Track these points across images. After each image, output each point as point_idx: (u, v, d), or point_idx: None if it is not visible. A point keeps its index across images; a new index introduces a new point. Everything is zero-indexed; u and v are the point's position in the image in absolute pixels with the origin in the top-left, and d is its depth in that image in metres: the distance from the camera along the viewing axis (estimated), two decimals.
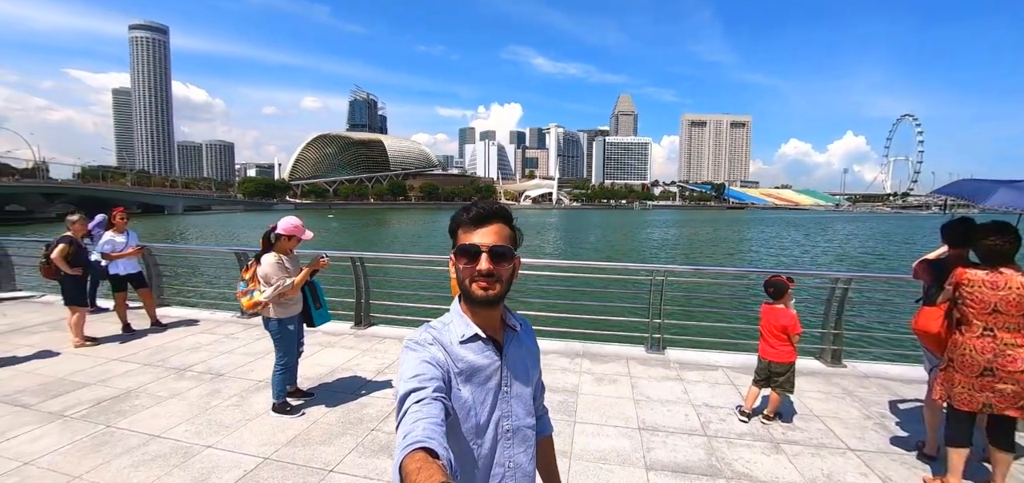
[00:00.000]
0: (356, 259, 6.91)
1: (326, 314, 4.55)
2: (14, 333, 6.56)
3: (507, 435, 1.18)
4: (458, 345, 1.14)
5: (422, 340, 1.12)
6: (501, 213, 1.18)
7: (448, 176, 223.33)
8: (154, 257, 8.35)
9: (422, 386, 0.98)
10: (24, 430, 3.82)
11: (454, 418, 1.07)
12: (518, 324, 1.29)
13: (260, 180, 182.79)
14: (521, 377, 1.24)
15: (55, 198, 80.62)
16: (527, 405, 1.25)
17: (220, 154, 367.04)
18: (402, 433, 0.88)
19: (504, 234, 1.16)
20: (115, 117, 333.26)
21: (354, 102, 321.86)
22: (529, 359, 1.29)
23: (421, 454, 0.81)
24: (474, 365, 1.14)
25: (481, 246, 1.13)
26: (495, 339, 1.21)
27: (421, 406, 0.94)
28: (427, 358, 1.06)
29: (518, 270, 1.22)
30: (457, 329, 1.16)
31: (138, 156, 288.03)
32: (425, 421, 0.89)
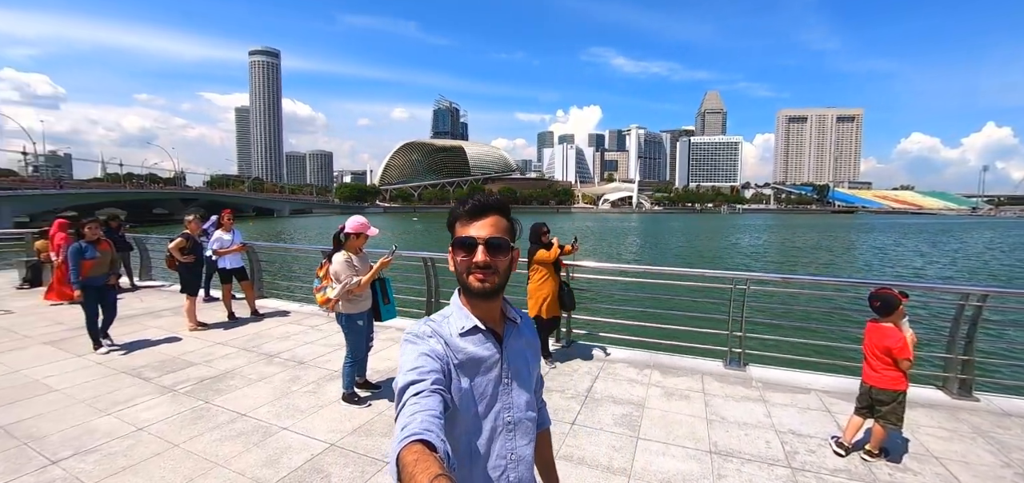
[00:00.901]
0: (427, 259, 7.14)
1: (393, 310, 4.71)
2: (146, 316, 7.65)
3: (508, 427, 1.17)
4: (458, 337, 1.13)
5: (421, 333, 1.11)
6: (498, 205, 1.19)
7: (526, 180, 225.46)
8: (256, 254, 9.31)
9: (421, 379, 0.98)
10: (142, 400, 4.40)
11: (455, 410, 1.06)
12: (518, 316, 1.27)
13: (354, 185, 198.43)
14: (521, 369, 1.23)
15: (190, 202, 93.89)
16: (528, 397, 1.24)
17: (321, 162, 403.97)
18: (400, 425, 0.88)
19: (501, 226, 1.16)
20: (237, 132, 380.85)
21: (438, 111, 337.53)
22: (529, 351, 1.28)
23: (418, 446, 0.81)
24: (474, 357, 1.13)
25: (477, 238, 1.12)
26: (495, 331, 1.19)
27: (419, 398, 0.93)
28: (426, 351, 1.06)
29: (516, 262, 1.22)
30: (456, 321, 1.15)
31: (254, 165, 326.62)
32: (423, 413, 0.89)
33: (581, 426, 3.89)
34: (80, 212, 31.46)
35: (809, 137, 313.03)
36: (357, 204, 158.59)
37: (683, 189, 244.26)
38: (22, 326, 7.02)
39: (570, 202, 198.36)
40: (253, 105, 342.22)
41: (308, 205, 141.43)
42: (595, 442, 3.64)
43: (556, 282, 5.32)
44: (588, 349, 5.82)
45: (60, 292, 8.48)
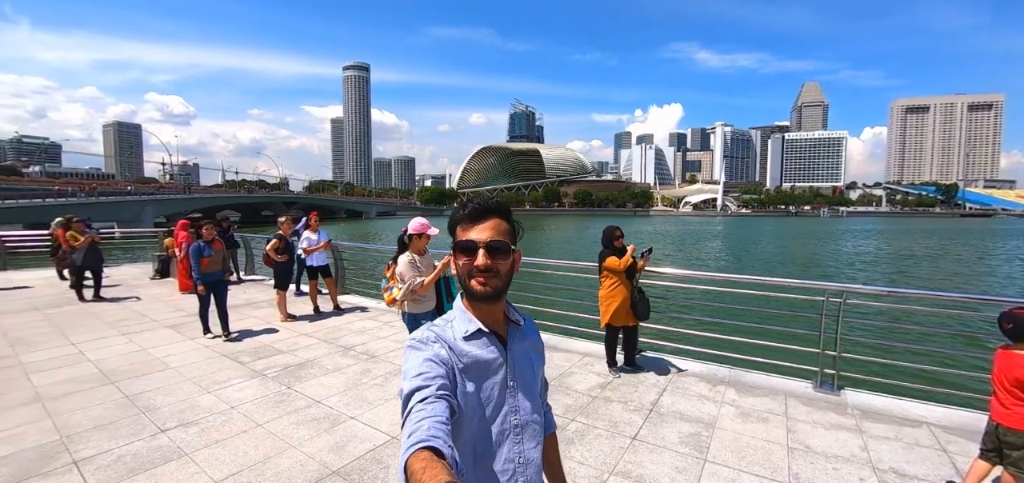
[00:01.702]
0: None
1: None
2: (248, 306, 8.55)
3: (515, 430, 1.16)
4: (461, 341, 1.12)
5: (425, 339, 1.10)
6: (499, 208, 1.18)
7: (602, 182, 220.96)
8: (339, 253, 10.04)
9: (426, 385, 0.97)
10: (237, 382, 4.91)
11: (460, 415, 1.05)
12: (521, 318, 1.26)
13: (434, 189, 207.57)
14: (526, 371, 1.22)
15: (291, 205, 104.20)
16: (533, 400, 1.23)
17: (404, 167, 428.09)
18: (407, 432, 0.87)
19: (502, 229, 1.16)
20: (332, 140, 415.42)
21: (514, 115, 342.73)
22: (533, 353, 1.27)
23: (426, 453, 0.81)
24: (479, 360, 1.12)
25: (478, 241, 1.12)
26: (499, 334, 1.18)
27: (425, 405, 0.93)
28: (430, 356, 1.05)
29: (518, 264, 1.21)
30: (460, 326, 1.15)
31: (346, 171, 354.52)
32: (430, 420, 0.88)
33: (642, 442, 3.68)
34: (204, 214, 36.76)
35: (932, 129, 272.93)
36: (437, 206, 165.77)
37: (775, 190, 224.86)
38: (152, 311, 8.19)
39: (648, 205, 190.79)
40: (346, 115, 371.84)
41: (393, 208, 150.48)
42: (657, 461, 3.42)
43: (629, 289, 5.06)
44: (656, 360, 5.52)
45: (185, 283, 9.79)
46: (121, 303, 8.88)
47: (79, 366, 5.38)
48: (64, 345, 6.21)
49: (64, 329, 7.03)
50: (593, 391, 4.66)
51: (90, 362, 5.52)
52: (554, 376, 5.03)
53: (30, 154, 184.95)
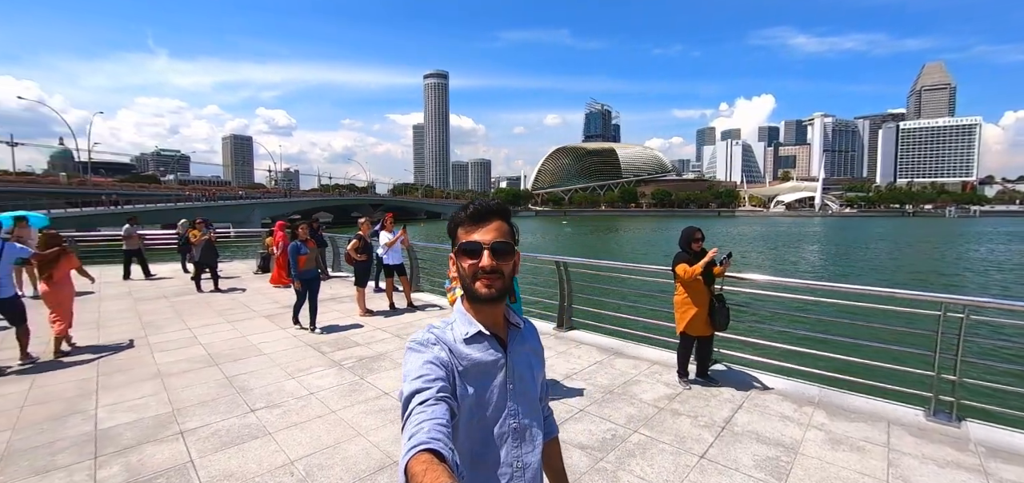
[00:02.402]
0: (560, 263, 7.11)
1: (519, 310, 4.76)
2: (332, 301, 9.24)
3: (515, 433, 1.15)
4: (462, 344, 1.12)
5: (425, 340, 1.10)
6: (500, 210, 1.18)
7: (682, 181, 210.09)
8: (415, 252, 10.53)
9: (426, 387, 0.97)
10: (318, 370, 5.31)
11: (460, 418, 1.04)
12: (521, 321, 1.26)
13: (509, 190, 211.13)
14: (526, 374, 1.21)
15: (377, 207, 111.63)
16: (533, 403, 1.22)
17: (480, 170, 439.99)
18: (407, 435, 0.87)
19: (504, 231, 1.16)
20: (413, 146, 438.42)
21: (589, 114, 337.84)
22: (533, 357, 1.26)
23: (427, 456, 0.80)
24: (479, 363, 1.12)
25: (482, 243, 1.12)
26: (499, 337, 1.18)
27: (425, 407, 0.92)
28: (430, 358, 1.04)
29: (518, 266, 1.21)
30: (460, 328, 1.14)
31: (426, 174, 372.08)
32: (430, 422, 0.88)
33: (711, 462, 3.40)
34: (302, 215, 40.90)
35: None
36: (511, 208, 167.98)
37: (887, 187, 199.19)
38: (252, 302, 9.15)
39: (734, 204, 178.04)
40: (426, 121, 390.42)
41: None
42: None
43: (708, 295, 4.70)
44: (734, 373, 5.10)
45: (278, 278, 10.85)
46: (229, 294, 10.04)
47: (192, 348, 6.14)
48: (182, 329, 7.14)
49: (183, 315, 8.09)
50: (660, 402, 4.41)
51: (201, 345, 6.29)
52: (618, 384, 4.84)
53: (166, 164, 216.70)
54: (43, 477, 3.22)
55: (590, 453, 3.50)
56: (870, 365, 4.63)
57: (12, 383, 4.99)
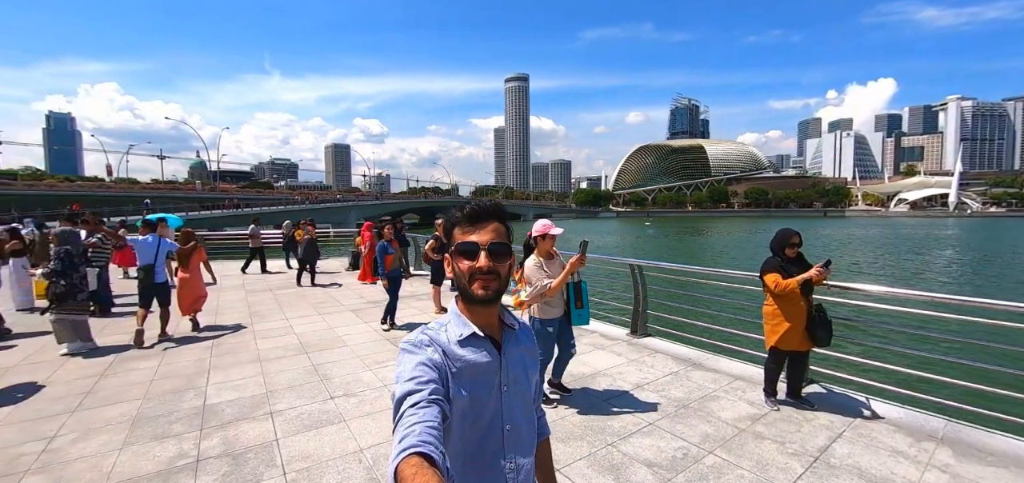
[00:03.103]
0: (635, 266, 6.80)
1: (586, 315, 4.49)
2: (412, 297, 9.70)
3: (508, 435, 1.15)
4: (455, 345, 1.11)
5: (418, 342, 1.09)
6: (496, 212, 1.18)
7: (781, 179, 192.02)
8: None
9: (419, 389, 0.96)
10: (392, 364, 5.55)
11: (453, 419, 1.04)
12: (516, 323, 1.25)
13: (589, 191, 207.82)
14: (520, 376, 1.20)
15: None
16: (527, 405, 1.23)
17: (560, 171, 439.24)
18: (398, 437, 0.86)
19: (500, 232, 1.16)
20: (495, 149, 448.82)
21: (675, 110, 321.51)
22: (528, 358, 1.26)
23: (417, 459, 0.80)
24: (473, 364, 1.11)
25: (479, 244, 1.12)
26: (494, 338, 1.17)
27: (417, 409, 0.91)
28: (424, 360, 1.03)
29: (513, 268, 1.23)
30: (454, 330, 1.14)
31: (507, 176, 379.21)
32: (421, 425, 0.87)
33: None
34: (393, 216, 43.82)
35: None
36: (591, 208, 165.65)
37: None
38: (341, 297, 9.90)
39: (844, 203, 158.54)
40: (507, 124, 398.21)
41: (549, 210, 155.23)
42: None
43: (805, 307, 4.10)
44: (833, 396, 4.48)
45: (364, 274, 11.64)
46: (323, 289, 10.96)
47: (287, 337, 6.78)
48: (281, 319, 7.91)
49: (283, 307, 8.97)
50: (741, 422, 4.00)
51: (295, 334, 6.91)
52: (695, 398, 4.48)
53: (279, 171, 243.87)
54: (160, 442, 3.71)
55: (657, 472, 3.26)
56: (1013, 397, 3.81)
57: (148, 358, 5.86)
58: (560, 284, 4.17)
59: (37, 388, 4.93)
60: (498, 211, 1.19)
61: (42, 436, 3.85)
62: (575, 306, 4.42)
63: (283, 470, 3.29)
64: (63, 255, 6.14)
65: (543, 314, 4.29)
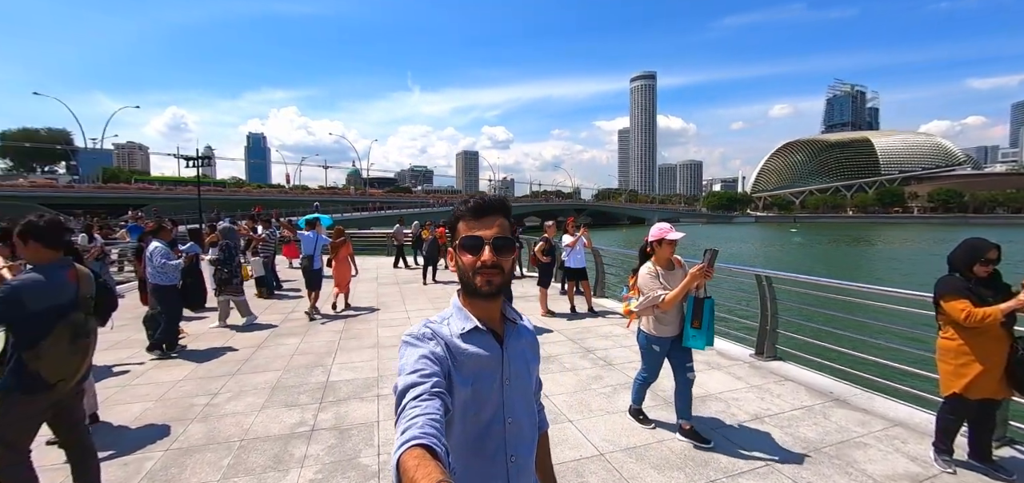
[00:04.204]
0: (762, 277, 5.93)
1: (704, 337, 3.64)
2: (521, 299, 9.80)
3: (509, 428, 1.16)
4: (458, 339, 1.12)
5: (421, 335, 1.10)
6: (500, 206, 1.18)
7: (984, 177, 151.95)
8: (600, 257, 10.35)
9: (421, 381, 0.96)
10: None
11: (454, 412, 1.05)
12: (517, 317, 1.27)
13: (722, 194, 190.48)
14: (522, 370, 1.22)
15: (581, 212, 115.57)
16: (527, 398, 1.24)
17: (690, 172, 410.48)
18: (400, 429, 0.87)
19: (504, 227, 1.16)
20: (619, 151, 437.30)
21: (832, 99, 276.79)
22: (529, 352, 1.27)
23: (419, 450, 0.80)
24: (475, 357, 1.12)
25: (484, 238, 1.12)
26: (495, 332, 1.18)
27: (419, 402, 0.92)
28: (426, 353, 1.04)
29: (515, 263, 1.22)
30: (457, 323, 1.15)
31: (631, 179, 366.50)
32: (423, 417, 0.88)
33: None
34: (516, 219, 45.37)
35: None
36: (725, 213, 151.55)
37: None
38: (447, 295, 10.43)
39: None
40: (632, 125, 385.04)
41: (676, 214, 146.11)
42: None
43: (1006, 344, 3.07)
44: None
45: None
46: (443, 286, 11.71)
47: (404, 326, 7.34)
48: (402, 311, 8.64)
49: (406, 299, 9.79)
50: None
51: (411, 324, 7.46)
52: (832, 442, 3.69)
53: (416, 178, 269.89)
54: (288, 409, 4.27)
55: None
56: None
57: (291, 336, 6.84)
58: (676, 297, 3.51)
59: (216, 352, 6.08)
60: (503, 206, 1.19)
61: (209, 392, 4.72)
62: (691, 324, 3.63)
63: (378, 451, 3.53)
64: (223, 248, 7.62)
65: (654, 328, 3.76)
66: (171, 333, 6.13)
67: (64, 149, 79.12)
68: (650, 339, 3.80)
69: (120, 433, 3.89)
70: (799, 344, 5.76)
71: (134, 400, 4.56)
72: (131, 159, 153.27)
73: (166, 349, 6.01)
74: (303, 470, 3.28)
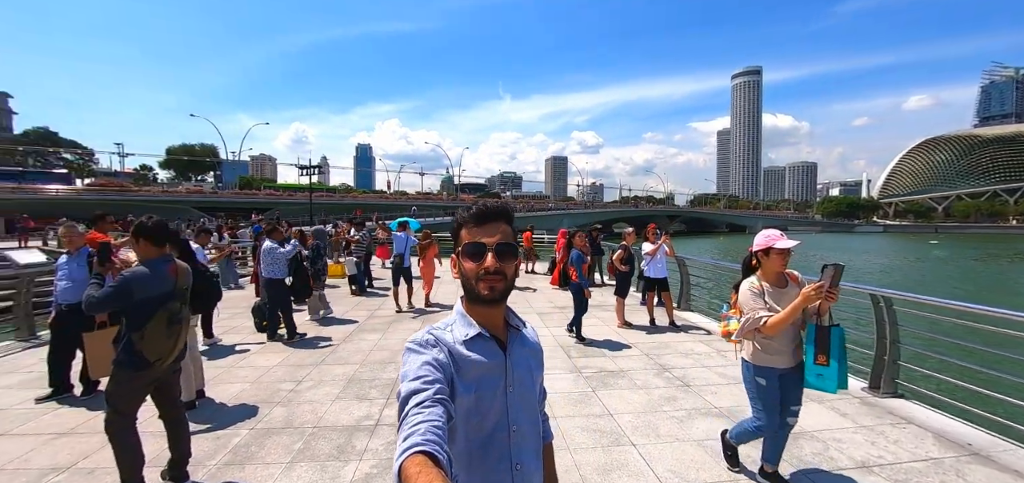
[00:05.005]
0: (878, 297, 5.05)
1: (834, 379, 2.89)
2: (598, 308, 9.45)
3: (513, 436, 1.15)
4: (461, 346, 1.11)
5: (424, 342, 1.09)
6: (504, 213, 1.19)
7: None
8: (685, 267, 9.64)
9: (424, 388, 0.96)
10: (557, 372, 5.52)
11: (458, 420, 1.05)
12: (521, 323, 1.26)
13: (841, 199, 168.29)
14: (525, 377, 1.21)
15: (673, 218, 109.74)
16: (531, 406, 1.23)
17: (802, 175, 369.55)
18: (402, 436, 0.87)
19: (507, 233, 1.17)
20: (717, 153, 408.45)
21: (989, 86, 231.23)
22: (533, 359, 1.26)
23: (421, 458, 0.80)
24: (478, 365, 1.11)
25: (487, 244, 1.13)
26: (498, 339, 1.17)
27: (422, 408, 0.91)
28: (429, 360, 1.03)
29: (519, 268, 1.22)
30: (460, 330, 1.14)
31: (731, 183, 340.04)
32: (426, 424, 0.87)
33: None
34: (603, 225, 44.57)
35: None
36: (845, 221, 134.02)
37: None
38: (534, 300, 10.42)
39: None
40: (733, 125, 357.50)
41: (783, 222, 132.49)
42: None
43: None
44: None
45: (555, 279, 12.00)
46: (520, 291, 11.73)
47: None
48: None
49: None
50: None
51: None
52: None
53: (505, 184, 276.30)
54: (359, 402, 4.52)
55: None
56: None
57: (373, 332, 7.27)
58: (783, 322, 2.84)
59: (308, 342, 6.67)
60: (505, 212, 1.19)
61: (295, 379, 5.16)
62: (814, 359, 2.94)
63: None
64: (313, 248, 8.32)
65: (756, 358, 3.05)
66: (288, 322, 6.94)
67: (212, 161, 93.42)
68: (755, 370, 3.06)
69: (219, 409, 4.39)
70: (927, 380, 4.83)
71: (235, 381, 5.14)
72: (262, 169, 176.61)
73: (284, 335, 6.89)
74: (361, 464, 3.41)
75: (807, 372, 2.98)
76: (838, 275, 2.72)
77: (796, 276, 3.06)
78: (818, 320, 2.93)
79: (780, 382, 3.01)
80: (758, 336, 2.99)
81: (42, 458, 3.50)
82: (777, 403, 3.02)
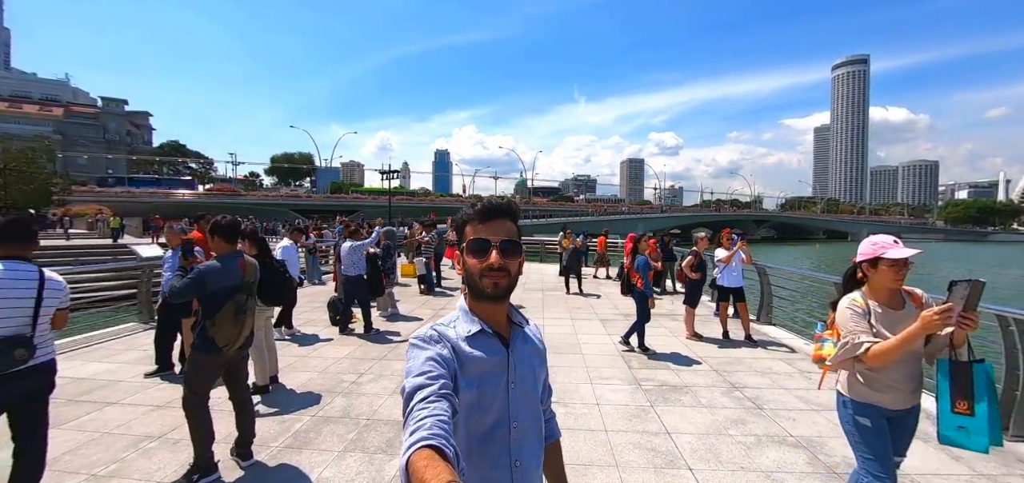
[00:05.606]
0: (1009, 319, 4.24)
1: (986, 435, 2.10)
2: (667, 316, 9.00)
3: (515, 432, 1.16)
4: (464, 342, 1.13)
5: (428, 337, 1.11)
6: (508, 210, 1.20)
7: None
8: (767, 276, 8.81)
9: (429, 383, 0.97)
10: (615, 383, 5.26)
11: (460, 415, 1.06)
12: (524, 321, 1.29)
13: (969, 203, 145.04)
14: (528, 374, 1.22)
15: (761, 223, 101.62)
16: (534, 403, 1.24)
17: (919, 175, 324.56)
18: (408, 431, 0.88)
19: (512, 230, 1.19)
20: (814, 152, 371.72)
21: None
22: (536, 357, 1.28)
23: (428, 451, 0.81)
24: (481, 361, 1.13)
25: (491, 241, 1.14)
26: (502, 335, 1.19)
27: (427, 403, 0.93)
28: (433, 355, 1.05)
29: (522, 267, 1.22)
30: (463, 326, 1.16)
31: (831, 185, 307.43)
32: (432, 418, 0.88)
33: None
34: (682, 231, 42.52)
35: None
36: (975, 228, 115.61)
37: None
38: (597, 306, 10.12)
39: None
40: (833, 121, 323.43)
41: (895, 229, 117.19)
42: None
43: None
44: None
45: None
46: (585, 297, 11.47)
47: None
48: (538, 318, 8.69)
49: (545, 307, 9.85)
50: None
51: (544, 334, 7.44)
52: None
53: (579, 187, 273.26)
54: (390, 396, 4.64)
55: None
56: None
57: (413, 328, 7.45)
58: (893, 351, 2.15)
59: (376, 336, 7.01)
60: (510, 210, 1.20)
61: (358, 372, 5.42)
62: (951, 407, 2.19)
63: None
64: (383, 248, 8.69)
65: (856, 392, 2.38)
66: (366, 316, 7.34)
67: (308, 167, 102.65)
68: (854, 408, 2.38)
69: (287, 395, 4.73)
70: None
71: (305, 370, 5.52)
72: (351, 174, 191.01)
73: (354, 329, 7.31)
74: None
75: (942, 423, 2.21)
76: (976, 295, 1.98)
77: (918, 295, 2.38)
78: (953, 353, 2.19)
79: (888, 425, 2.33)
80: (859, 366, 2.34)
81: (141, 426, 3.99)
82: (889, 451, 2.33)
